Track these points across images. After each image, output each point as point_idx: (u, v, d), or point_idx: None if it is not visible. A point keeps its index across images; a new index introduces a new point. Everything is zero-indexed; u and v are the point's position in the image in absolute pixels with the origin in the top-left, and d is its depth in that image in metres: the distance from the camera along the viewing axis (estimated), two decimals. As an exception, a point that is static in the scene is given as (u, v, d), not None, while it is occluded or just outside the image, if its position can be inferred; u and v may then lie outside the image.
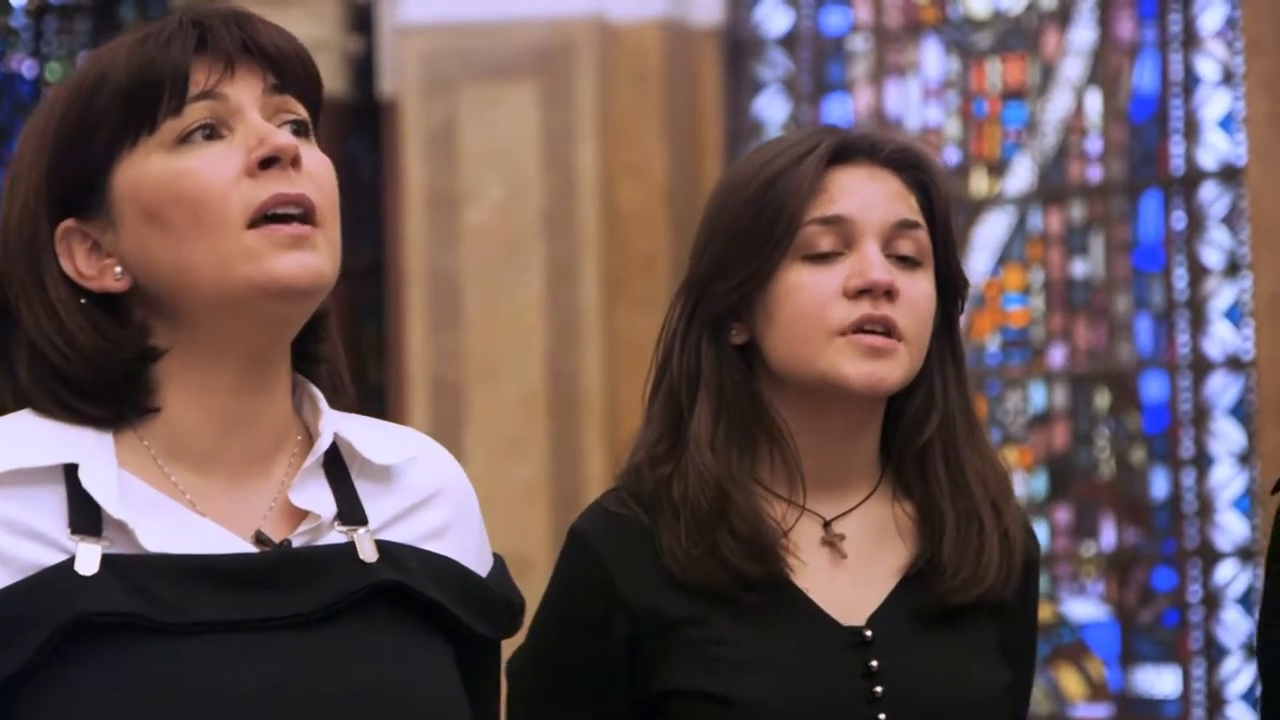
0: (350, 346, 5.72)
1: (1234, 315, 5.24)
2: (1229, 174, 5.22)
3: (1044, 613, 5.43)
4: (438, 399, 5.53)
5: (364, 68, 5.72)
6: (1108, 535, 5.39)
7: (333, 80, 5.69)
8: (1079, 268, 5.46)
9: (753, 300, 1.73)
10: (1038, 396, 5.49)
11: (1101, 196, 5.43)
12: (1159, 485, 5.30)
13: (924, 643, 1.71)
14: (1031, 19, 5.52)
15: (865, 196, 1.73)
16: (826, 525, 1.74)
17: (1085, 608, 5.39)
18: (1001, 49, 5.55)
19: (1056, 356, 5.49)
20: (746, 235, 1.73)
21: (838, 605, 1.72)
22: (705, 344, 1.75)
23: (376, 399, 5.70)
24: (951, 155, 5.61)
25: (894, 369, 1.71)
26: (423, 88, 5.54)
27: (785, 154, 1.74)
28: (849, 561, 1.74)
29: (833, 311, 1.70)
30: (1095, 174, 5.44)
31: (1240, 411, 5.19)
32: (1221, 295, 5.26)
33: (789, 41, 5.73)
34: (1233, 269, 5.23)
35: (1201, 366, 5.28)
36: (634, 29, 5.53)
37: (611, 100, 5.50)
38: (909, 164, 1.76)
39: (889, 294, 1.70)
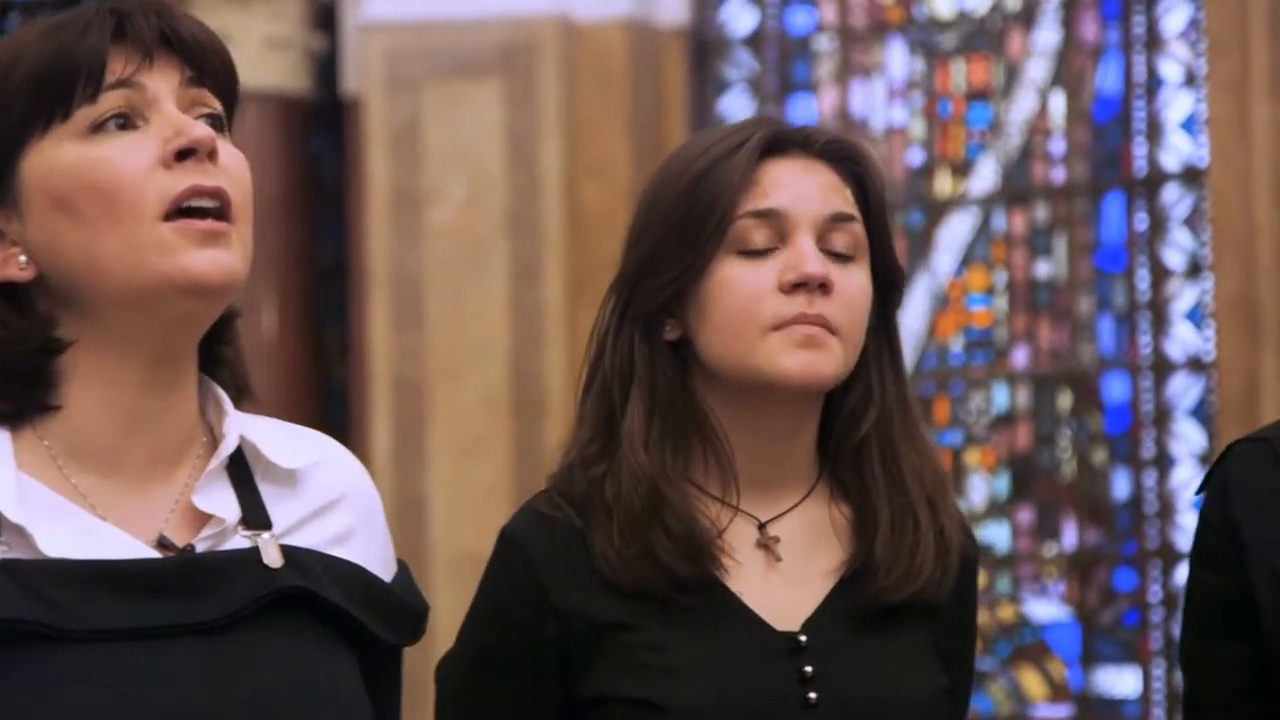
0: (313, 346, 5.74)
1: (1195, 317, 5.25)
2: (1191, 176, 5.23)
3: (1005, 613, 5.44)
4: (400, 399, 5.52)
5: (327, 66, 5.70)
6: (1069, 536, 5.40)
7: (296, 78, 5.67)
8: (1042, 269, 5.46)
9: (686, 296, 1.71)
10: (1000, 397, 5.50)
11: (1065, 198, 5.44)
12: (1120, 486, 5.30)
13: (859, 647, 1.69)
14: (996, 20, 5.52)
15: (799, 189, 1.70)
16: (761, 527, 1.72)
17: (1046, 608, 5.40)
18: (966, 50, 5.56)
19: (1019, 357, 5.49)
20: (679, 230, 1.70)
21: (772, 610, 1.69)
22: (638, 341, 1.72)
23: (339, 399, 5.69)
24: (916, 156, 5.61)
25: (829, 360, 1.68)
26: (386, 86, 5.52)
27: (717, 146, 1.71)
28: (784, 564, 1.71)
29: (767, 307, 1.68)
30: (1059, 175, 5.45)
31: (1201, 413, 5.20)
32: (1183, 297, 5.27)
33: (754, 41, 5.73)
34: (1194, 270, 5.24)
35: (1163, 368, 5.28)
36: (598, 28, 5.52)
37: (575, 100, 5.49)
38: (843, 156, 1.73)
39: (824, 288, 1.68)
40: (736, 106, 5.72)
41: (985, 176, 5.53)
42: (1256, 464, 1.75)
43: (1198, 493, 1.81)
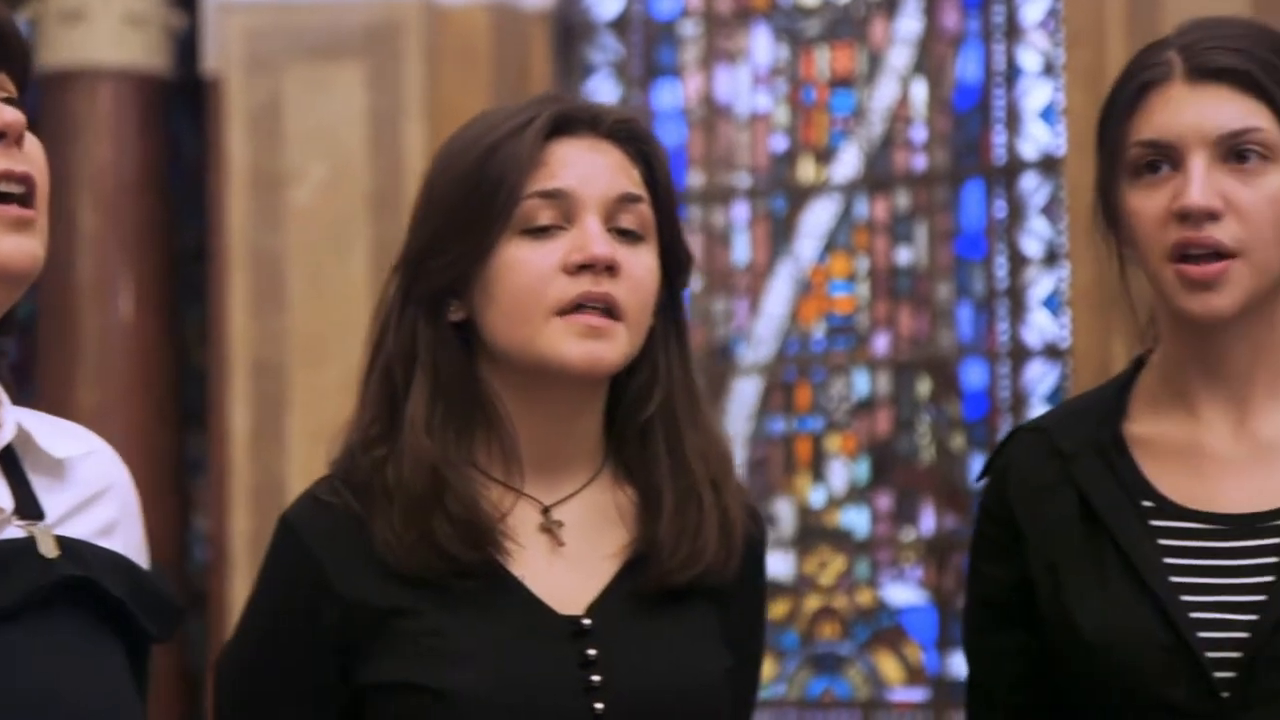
0: (171, 330, 5.67)
1: (1052, 304, 5.30)
2: (1049, 164, 5.27)
3: (864, 598, 5.48)
4: (260, 382, 5.48)
5: (187, 44, 5.64)
6: (927, 521, 5.44)
7: (154, 56, 5.61)
8: (903, 255, 5.50)
9: (471, 277, 1.68)
10: (861, 383, 5.53)
11: (926, 185, 5.47)
12: (978, 471, 5.34)
13: (643, 630, 1.69)
14: (859, 7, 5.55)
15: (586, 169, 1.68)
16: (545, 511, 1.71)
17: (904, 593, 5.44)
18: (830, 37, 5.58)
19: (880, 343, 5.52)
20: (463, 209, 1.68)
21: (555, 594, 1.68)
22: (422, 323, 1.70)
23: (197, 382, 5.64)
24: (780, 142, 5.63)
25: (613, 348, 1.67)
26: (247, 66, 5.48)
27: (504, 125, 1.69)
28: (568, 549, 1.70)
29: (552, 288, 1.66)
30: (920, 162, 5.48)
31: (1056, 399, 5.25)
32: (1040, 284, 5.32)
33: (619, 25, 5.72)
34: (1051, 258, 5.29)
35: (1020, 354, 5.33)
36: (462, 11, 5.50)
37: (439, 82, 5.47)
38: (631, 136, 1.72)
39: (610, 269, 1.66)
40: (602, 91, 5.72)
41: (848, 163, 5.56)
42: (1034, 454, 1.77)
43: (978, 479, 1.82)
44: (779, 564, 5.53)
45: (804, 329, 5.58)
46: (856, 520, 5.51)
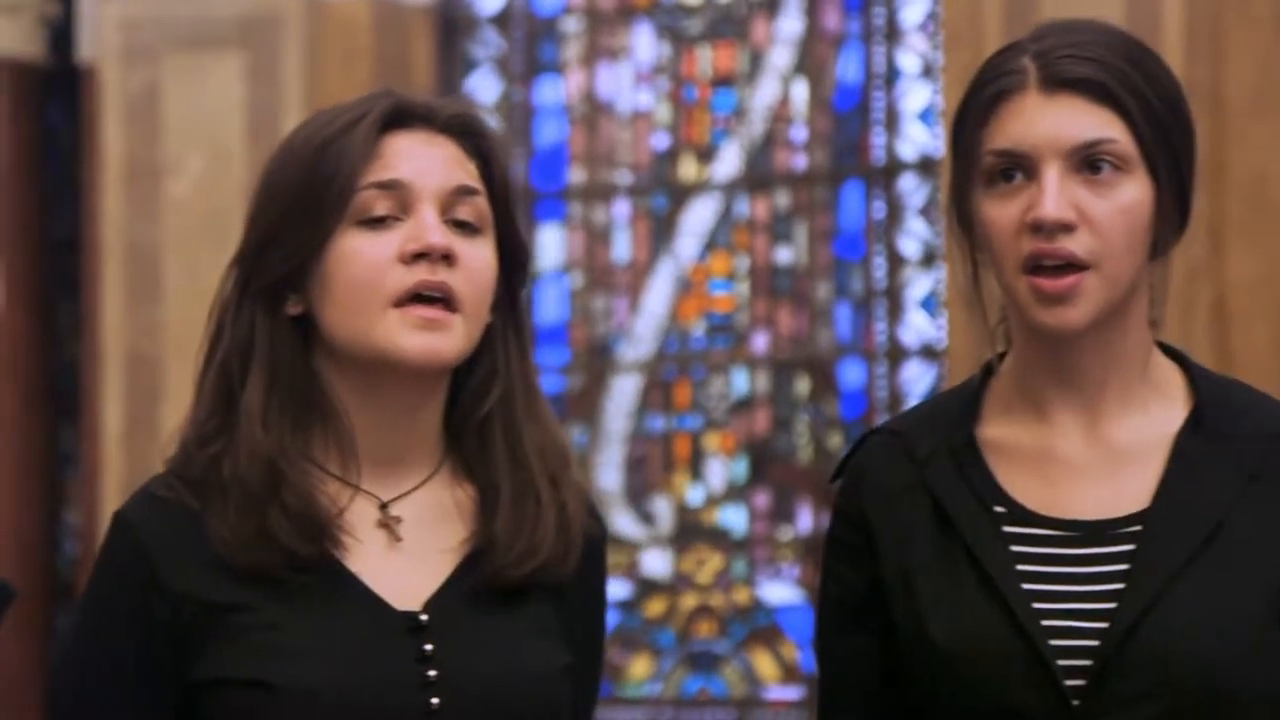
0: (43, 321, 5.60)
1: (929, 305, 5.34)
2: (927, 166, 5.31)
3: (740, 596, 5.50)
4: (135, 374, 5.42)
5: (62, 32, 5.57)
6: (804, 520, 5.46)
7: (29, 44, 5.53)
8: (783, 255, 5.52)
9: (308, 269, 1.69)
10: (740, 382, 5.54)
11: (806, 185, 5.50)
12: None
13: (480, 625, 1.69)
14: (741, 7, 5.56)
15: (422, 162, 1.69)
16: (383, 507, 1.71)
17: (780, 591, 5.46)
18: (712, 36, 5.59)
19: (759, 342, 5.54)
20: (299, 202, 1.68)
21: (393, 589, 1.68)
22: (259, 316, 1.70)
23: (70, 375, 5.57)
24: (661, 140, 5.63)
25: (450, 340, 1.67)
26: (123, 55, 5.42)
27: (339, 119, 1.70)
28: (406, 544, 1.70)
29: (389, 278, 1.66)
30: (800, 162, 5.50)
31: (933, 400, 5.29)
32: (917, 285, 5.35)
33: (502, 20, 5.71)
34: (929, 259, 5.33)
35: (897, 354, 5.37)
36: (344, 3, 5.46)
37: (319, 75, 5.43)
38: (467, 130, 1.73)
39: (447, 258, 1.67)
40: (484, 86, 5.70)
41: (729, 162, 5.57)
42: (888, 458, 1.77)
43: (831, 481, 1.82)
44: (656, 562, 5.54)
45: (684, 327, 5.59)
46: (734, 519, 5.53)
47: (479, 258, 1.70)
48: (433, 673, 1.66)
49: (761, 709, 5.42)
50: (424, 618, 1.68)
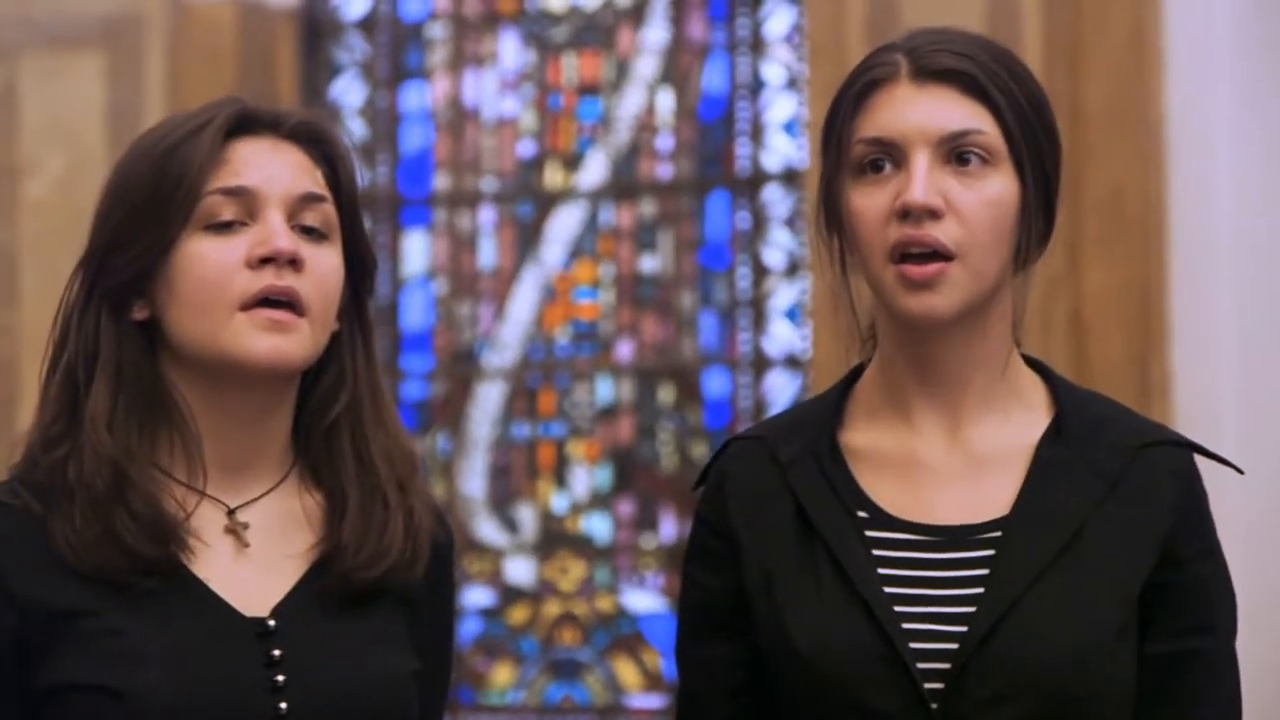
0: (-104, 322, 5.49)
1: (793, 315, 5.37)
2: (791, 177, 5.34)
3: (604, 604, 5.50)
4: (-11, 378, 5.33)
5: (-83, 31, 5.47)
6: (668, 528, 5.47)
7: (-118, 42, 5.43)
8: (648, 264, 5.53)
9: (154, 273, 1.69)
10: (605, 390, 5.54)
11: (671, 194, 5.51)
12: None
13: (328, 630, 1.69)
14: (607, 15, 5.56)
15: (269, 169, 1.70)
16: (230, 514, 1.71)
17: (644, 599, 5.46)
18: (578, 44, 5.59)
19: (624, 351, 5.54)
20: (145, 206, 1.69)
21: (240, 595, 1.68)
22: (105, 320, 1.71)
23: (-77, 377, 5.47)
24: (527, 147, 5.63)
25: (297, 343, 1.68)
26: (-20, 54, 5.33)
27: (185, 125, 1.71)
28: (254, 551, 1.70)
29: (235, 282, 1.67)
30: (666, 171, 5.52)
31: (796, 409, 5.32)
32: (781, 295, 5.38)
33: (367, 26, 5.67)
34: (793, 270, 5.36)
35: (761, 364, 5.39)
36: (207, 5, 5.41)
37: (182, 77, 5.37)
38: (314, 138, 1.74)
39: (294, 263, 1.68)
40: (349, 91, 5.66)
41: (594, 170, 5.57)
42: (751, 461, 1.78)
43: (695, 487, 1.83)
44: (520, 570, 5.53)
45: (549, 335, 5.59)
46: (598, 526, 5.53)
47: (325, 264, 1.71)
48: (281, 677, 1.66)
49: (624, 717, 5.42)
50: (272, 623, 1.68)
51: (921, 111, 1.71)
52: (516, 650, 5.46)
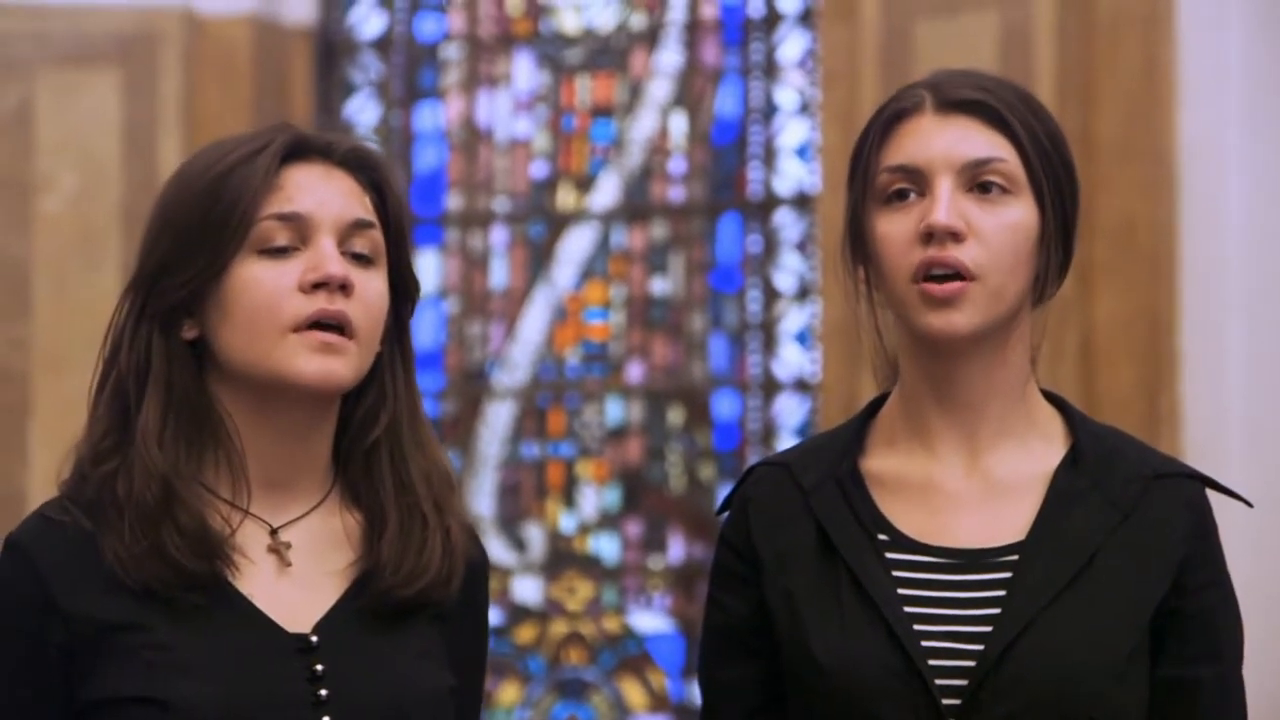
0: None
1: (803, 339, 5.39)
2: (803, 201, 5.37)
3: (611, 624, 5.52)
4: (1, 390, 5.36)
5: (-66, 45, 5.50)
6: (675, 549, 5.49)
7: (-100, 56, 5.46)
8: (659, 286, 5.56)
9: (205, 295, 1.73)
10: (614, 411, 5.57)
11: (683, 217, 5.54)
12: (719, 504, 5.41)
13: (369, 646, 1.72)
14: (621, 38, 5.60)
15: (321, 195, 1.74)
16: (273, 533, 1.74)
17: (651, 620, 5.48)
18: (591, 66, 5.62)
19: (634, 372, 5.57)
20: (198, 230, 1.72)
21: (283, 611, 1.71)
22: (155, 338, 1.74)
23: (-65, 390, 5.49)
24: (540, 168, 5.66)
25: (346, 364, 1.72)
26: (-3, 70, 5.36)
27: (238, 150, 1.74)
28: (295, 568, 1.74)
29: (288, 305, 1.71)
30: (678, 194, 5.55)
31: (806, 432, 5.34)
32: (792, 319, 5.41)
33: (382, 45, 5.71)
34: (803, 294, 5.38)
35: (771, 387, 5.42)
36: (222, 23, 5.44)
37: (197, 95, 5.40)
38: (363, 165, 1.78)
39: (344, 288, 1.72)
40: (363, 110, 5.70)
41: (607, 192, 5.60)
42: (774, 486, 1.81)
43: (718, 513, 1.86)
44: (528, 589, 5.55)
45: (559, 355, 5.61)
46: (606, 547, 5.55)
47: (373, 289, 1.74)
48: (324, 692, 1.69)
49: (629, 737, 5.44)
50: (314, 639, 1.71)
51: (945, 140, 1.78)
52: (523, 669, 5.48)
